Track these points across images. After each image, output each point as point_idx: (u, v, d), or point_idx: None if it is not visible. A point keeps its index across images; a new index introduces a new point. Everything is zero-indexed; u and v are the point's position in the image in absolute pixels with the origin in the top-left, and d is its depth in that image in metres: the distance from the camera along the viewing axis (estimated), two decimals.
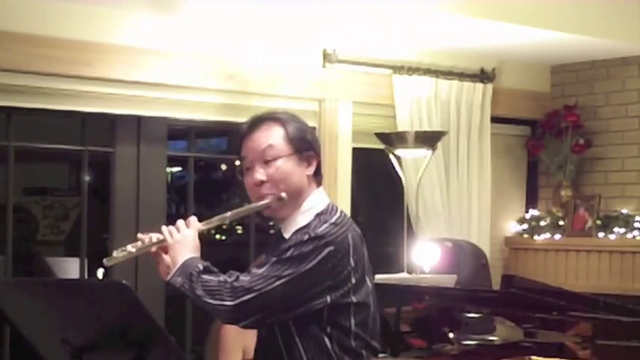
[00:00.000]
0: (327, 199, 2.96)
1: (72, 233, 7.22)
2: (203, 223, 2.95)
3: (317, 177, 2.96)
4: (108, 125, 5.21)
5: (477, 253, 5.72)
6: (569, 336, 3.90)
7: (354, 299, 2.82)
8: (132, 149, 5.22)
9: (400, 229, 5.74)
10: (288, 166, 2.89)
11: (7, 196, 4.87)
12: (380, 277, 4.96)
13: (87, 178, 5.19)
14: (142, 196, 5.22)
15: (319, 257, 2.77)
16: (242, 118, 5.67)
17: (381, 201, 6.86)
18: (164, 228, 2.92)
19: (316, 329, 2.81)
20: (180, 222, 2.92)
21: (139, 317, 2.56)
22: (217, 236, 8.84)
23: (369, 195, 6.90)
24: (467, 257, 5.58)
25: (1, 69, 4.67)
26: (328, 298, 2.79)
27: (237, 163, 2.98)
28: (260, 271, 2.79)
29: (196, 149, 5.60)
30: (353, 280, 2.82)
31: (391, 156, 5.61)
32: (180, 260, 2.84)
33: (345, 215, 2.91)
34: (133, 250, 2.88)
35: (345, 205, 5.76)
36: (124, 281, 2.85)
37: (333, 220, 2.85)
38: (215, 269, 2.87)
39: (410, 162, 5.78)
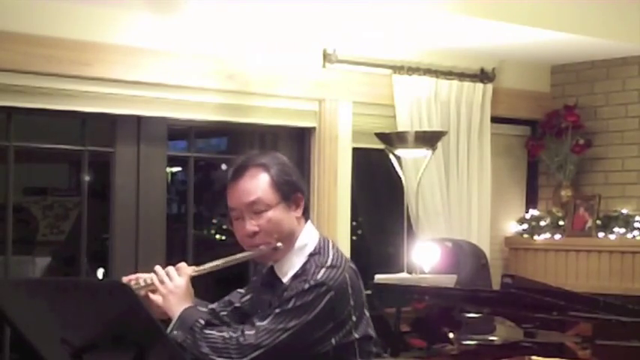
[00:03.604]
0: (317, 233, 3.04)
1: (72, 233, 7.20)
2: (194, 269, 2.98)
3: (305, 214, 3.03)
4: (108, 125, 5.21)
5: (477, 253, 5.72)
6: (569, 336, 3.89)
7: (356, 335, 2.93)
8: (132, 149, 5.22)
9: (400, 229, 5.74)
10: (278, 216, 2.95)
11: (7, 196, 4.87)
12: (380, 277, 4.98)
13: (87, 178, 5.19)
14: (142, 196, 5.22)
15: (322, 304, 2.86)
16: (242, 118, 5.70)
17: (381, 201, 6.84)
18: (153, 275, 2.93)
19: None
20: (170, 269, 2.95)
21: (139, 317, 2.56)
22: (217, 236, 8.83)
23: (369, 195, 6.88)
24: (467, 257, 5.58)
25: (1, 69, 4.67)
26: (333, 340, 2.88)
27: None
28: (264, 323, 2.85)
29: (196, 149, 5.60)
30: (354, 318, 2.92)
31: (391, 156, 5.61)
32: (177, 312, 2.89)
33: (338, 251, 2.99)
34: None
35: (345, 205, 5.76)
36: (125, 281, 2.84)
37: (329, 262, 2.92)
38: (216, 321, 2.95)
39: (410, 162, 5.78)
